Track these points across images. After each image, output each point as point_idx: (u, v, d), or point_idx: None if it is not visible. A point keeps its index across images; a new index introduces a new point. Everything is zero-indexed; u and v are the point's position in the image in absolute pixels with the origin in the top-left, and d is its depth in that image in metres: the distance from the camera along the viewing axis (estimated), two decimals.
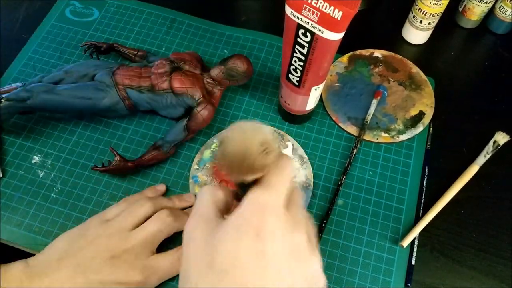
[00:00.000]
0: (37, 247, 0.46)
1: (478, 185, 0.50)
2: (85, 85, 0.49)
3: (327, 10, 0.36)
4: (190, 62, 0.51)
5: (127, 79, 0.49)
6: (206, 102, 0.49)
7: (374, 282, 0.45)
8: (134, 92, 0.49)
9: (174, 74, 0.49)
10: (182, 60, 0.50)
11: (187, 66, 0.50)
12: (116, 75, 0.49)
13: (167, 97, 0.49)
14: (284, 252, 0.26)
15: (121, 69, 0.50)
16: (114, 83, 0.49)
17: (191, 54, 0.52)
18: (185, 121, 0.49)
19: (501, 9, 0.58)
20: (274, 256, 0.25)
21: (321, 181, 0.50)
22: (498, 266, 0.46)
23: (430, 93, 0.56)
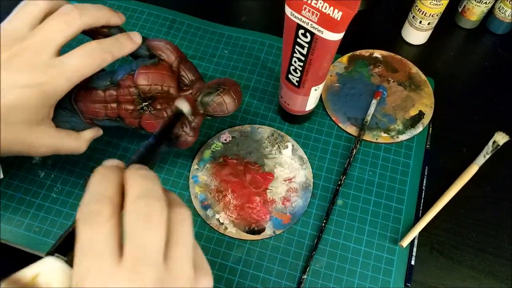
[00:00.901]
0: (38, 247, 0.46)
1: (477, 185, 0.50)
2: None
3: (326, 10, 0.36)
4: (161, 92, 0.41)
5: (90, 110, 0.42)
6: (186, 132, 0.43)
7: (374, 282, 0.45)
8: (103, 121, 0.43)
9: (144, 116, 0.42)
10: (151, 91, 0.41)
11: (158, 105, 0.41)
12: (78, 103, 0.42)
13: (141, 131, 0.43)
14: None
15: (82, 95, 0.42)
16: (78, 111, 0.42)
17: (162, 70, 0.41)
18: (166, 142, 0.44)
19: (500, 10, 0.59)
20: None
21: (321, 181, 0.50)
22: (497, 266, 0.46)
23: (429, 93, 0.56)
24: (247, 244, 0.47)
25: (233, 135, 0.52)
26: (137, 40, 0.41)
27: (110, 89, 0.41)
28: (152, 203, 0.25)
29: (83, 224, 0.24)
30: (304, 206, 0.48)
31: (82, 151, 0.44)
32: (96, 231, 0.23)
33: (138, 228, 0.24)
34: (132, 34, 0.41)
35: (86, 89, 0.42)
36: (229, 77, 0.57)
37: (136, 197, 0.25)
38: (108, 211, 0.24)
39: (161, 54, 0.41)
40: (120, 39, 0.40)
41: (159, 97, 0.41)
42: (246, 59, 0.58)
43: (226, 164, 0.50)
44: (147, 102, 0.41)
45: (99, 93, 0.41)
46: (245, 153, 0.51)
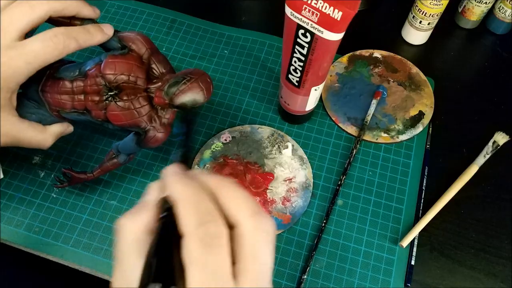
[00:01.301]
0: (38, 247, 0.46)
1: (477, 185, 0.50)
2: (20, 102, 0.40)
3: (326, 10, 0.36)
4: (128, 82, 0.40)
5: (57, 102, 0.41)
6: (156, 127, 0.41)
7: (374, 282, 0.45)
8: (70, 114, 0.42)
9: (110, 106, 0.40)
10: (117, 81, 0.39)
11: (125, 96, 0.40)
12: (45, 94, 0.41)
13: (109, 125, 0.42)
14: None
15: (49, 86, 0.41)
16: (45, 102, 0.41)
17: (130, 60, 0.40)
18: (135, 138, 0.43)
19: (500, 10, 0.59)
20: None
21: (321, 181, 0.50)
22: (497, 266, 0.46)
23: (429, 94, 0.56)
24: None
25: (233, 135, 0.52)
26: (107, 31, 0.40)
27: (78, 80, 0.40)
28: (264, 220, 0.23)
29: (204, 248, 0.21)
30: (304, 206, 0.48)
31: (48, 145, 0.42)
32: (218, 255, 0.22)
33: (261, 247, 0.23)
34: (103, 26, 0.40)
35: (54, 79, 0.41)
36: (229, 77, 0.57)
37: (248, 216, 0.23)
38: (226, 231, 0.22)
39: (131, 45, 0.41)
40: (89, 28, 0.39)
41: (126, 88, 0.40)
42: (246, 59, 0.58)
43: (226, 164, 0.50)
44: (112, 92, 0.40)
45: (66, 84, 0.40)
46: (245, 153, 0.51)
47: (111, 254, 0.46)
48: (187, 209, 0.22)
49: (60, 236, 0.47)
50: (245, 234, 0.23)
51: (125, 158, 0.44)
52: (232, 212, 0.23)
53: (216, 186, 0.24)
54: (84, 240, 0.46)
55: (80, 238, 0.47)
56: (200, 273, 0.21)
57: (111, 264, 0.45)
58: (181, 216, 0.22)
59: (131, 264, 0.23)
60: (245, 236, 0.23)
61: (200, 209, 0.22)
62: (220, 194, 0.24)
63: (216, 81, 0.57)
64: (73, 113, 0.41)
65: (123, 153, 0.44)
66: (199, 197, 0.23)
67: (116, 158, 0.44)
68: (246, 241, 0.22)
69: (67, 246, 0.46)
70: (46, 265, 0.48)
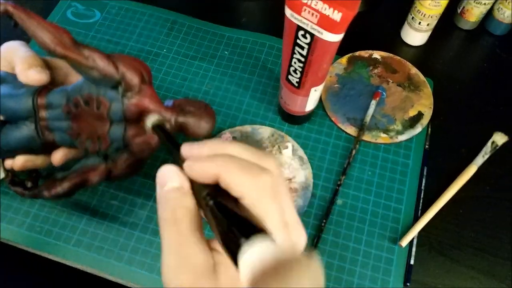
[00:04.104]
0: (39, 246, 0.46)
1: (476, 185, 0.50)
2: None
3: (326, 11, 0.37)
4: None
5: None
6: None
7: (373, 281, 0.45)
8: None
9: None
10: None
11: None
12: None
13: None
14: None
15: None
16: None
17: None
18: None
19: (499, 11, 0.59)
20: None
21: (321, 181, 0.50)
22: (496, 265, 0.47)
23: (428, 94, 0.56)
24: None
25: (233, 136, 0.53)
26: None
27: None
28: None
29: (273, 196, 0.24)
30: (304, 206, 0.48)
31: None
32: (287, 195, 0.25)
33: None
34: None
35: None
36: (229, 78, 0.57)
37: None
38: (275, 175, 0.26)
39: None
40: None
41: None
42: (246, 60, 0.59)
43: None
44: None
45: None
46: None
47: (113, 254, 0.46)
48: (234, 173, 0.24)
49: (62, 235, 0.47)
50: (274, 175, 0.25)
51: None
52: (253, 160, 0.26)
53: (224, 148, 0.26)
54: (86, 240, 0.47)
55: (82, 237, 0.47)
56: (275, 223, 0.24)
57: (113, 264, 0.46)
58: (232, 182, 0.24)
59: (192, 249, 0.24)
60: (275, 177, 0.25)
61: (244, 167, 0.24)
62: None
63: (217, 82, 0.57)
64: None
65: None
66: (235, 160, 0.25)
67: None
68: (277, 182, 0.25)
69: (68, 245, 0.46)
70: (48, 265, 0.48)
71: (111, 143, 0.38)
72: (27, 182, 0.43)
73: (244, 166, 0.24)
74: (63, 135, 0.39)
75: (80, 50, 0.36)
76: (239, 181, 0.24)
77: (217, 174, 0.24)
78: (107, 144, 0.38)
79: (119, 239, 0.47)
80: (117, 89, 0.37)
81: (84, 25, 0.61)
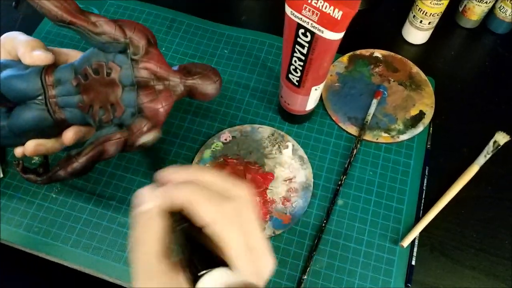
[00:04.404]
0: (37, 247, 0.46)
1: (478, 185, 0.50)
2: None
3: (327, 10, 0.36)
4: None
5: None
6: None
7: (374, 282, 0.45)
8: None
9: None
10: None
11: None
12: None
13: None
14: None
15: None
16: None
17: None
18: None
19: (501, 9, 0.58)
20: None
21: (321, 181, 0.50)
22: (498, 266, 0.46)
23: (430, 93, 0.55)
24: None
25: (233, 135, 0.52)
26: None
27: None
28: None
29: (231, 225, 0.26)
30: (304, 206, 0.48)
31: None
32: (240, 230, 0.26)
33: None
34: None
35: None
36: (229, 77, 0.57)
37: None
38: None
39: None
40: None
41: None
42: (246, 58, 0.58)
43: (226, 164, 0.50)
44: None
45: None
46: (245, 153, 0.51)
47: (111, 254, 0.46)
48: (198, 202, 0.26)
49: (60, 236, 0.46)
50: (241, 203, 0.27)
51: None
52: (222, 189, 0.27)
53: (197, 175, 0.27)
54: (84, 240, 0.46)
55: (80, 238, 0.46)
56: (236, 250, 0.25)
57: (111, 264, 0.45)
58: (195, 211, 0.25)
59: (155, 269, 0.25)
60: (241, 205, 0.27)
61: (208, 197, 0.26)
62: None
63: None
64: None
65: None
66: (202, 190, 0.26)
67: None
68: (243, 209, 0.27)
69: (66, 246, 0.46)
70: (46, 266, 0.47)
71: (125, 109, 0.39)
72: (39, 168, 0.42)
73: (210, 196, 0.26)
74: (74, 111, 0.40)
75: (87, 17, 0.37)
76: (202, 210, 0.25)
77: (184, 202, 0.26)
78: (122, 110, 0.39)
79: (118, 239, 0.46)
80: (125, 53, 0.38)
81: None
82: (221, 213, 0.25)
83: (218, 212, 0.25)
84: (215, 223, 0.25)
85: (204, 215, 0.25)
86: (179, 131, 0.53)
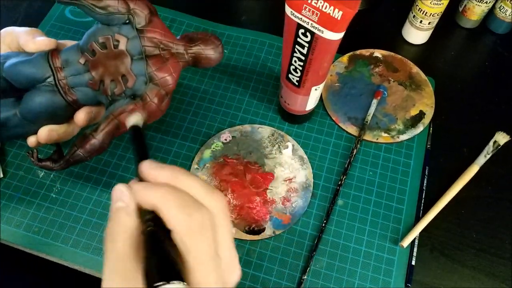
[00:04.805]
0: (37, 247, 0.46)
1: (478, 185, 0.50)
2: None
3: (327, 10, 0.36)
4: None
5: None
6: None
7: (374, 282, 0.45)
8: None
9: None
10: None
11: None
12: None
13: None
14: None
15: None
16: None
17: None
18: None
19: (501, 9, 0.58)
20: None
21: (321, 181, 0.50)
22: (498, 266, 0.46)
23: (430, 93, 0.55)
24: (247, 245, 0.46)
25: (233, 135, 0.52)
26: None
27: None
28: None
29: (194, 237, 0.25)
30: (304, 206, 0.48)
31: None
32: (208, 238, 0.26)
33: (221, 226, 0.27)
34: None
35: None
36: (229, 77, 0.57)
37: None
38: (208, 215, 0.26)
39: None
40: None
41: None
42: (246, 58, 0.58)
43: (226, 164, 0.50)
44: None
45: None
46: (245, 153, 0.51)
47: None
48: (171, 206, 0.25)
49: (59, 236, 0.46)
50: (213, 213, 0.27)
51: None
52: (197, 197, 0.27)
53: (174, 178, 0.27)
54: (84, 240, 0.46)
55: (80, 238, 0.46)
56: (199, 259, 0.25)
57: None
58: (166, 215, 0.25)
59: (132, 268, 0.25)
60: (214, 215, 0.27)
61: (181, 202, 0.25)
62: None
63: (216, 81, 0.56)
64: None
65: None
66: (175, 194, 0.26)
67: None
68: (215, 219, 0.27)
69: (66, 246, 0.46)
70: (45, 265, 0.47)
71: (137, 78, 0.39)
72: (53, 155, 0.43)
73: (182, 202, 0.26)
74: (85, 90, 0.40)
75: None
76: (172, 215, 0.25)
77: (155, 204, 0.25)
78: (134, 79, 0.39)
79: None
80: (129, 24, 0.39)
81: (83, 23, 0.61)
82: (189, 221, 0.25)
83: (186, 220, 0.25)
84: (181, 230, 0.25)
85: (172, 220, 0.25)
86: (179, 131, 0.53)
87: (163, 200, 0.25)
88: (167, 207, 0.25)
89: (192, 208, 0.25)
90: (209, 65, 0.43)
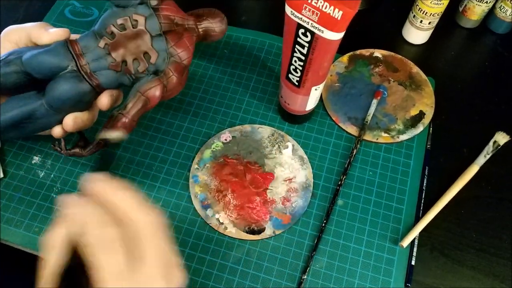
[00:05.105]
0: (37, 247, 0.46)
1: (478, 185, 0.50)
2: None
3: (327, 9, 0.36)
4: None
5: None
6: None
7: (374, 282, 0.45)
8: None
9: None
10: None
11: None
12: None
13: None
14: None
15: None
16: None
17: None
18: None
19: (501, 9, 0.58)
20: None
21: (321, 181, 0.50)
22: (498, 266, 0.46)
23: (430, 93, 0.55)
24: (247, 244, 0.47)
25: (233, 135, 0.52)
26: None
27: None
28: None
29: (103, 252, 0.26)
30: (304, 206, 0.48)
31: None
32: (117, 254, 0.26)
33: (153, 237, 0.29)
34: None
35: None
36: (229, 77, 0.57)
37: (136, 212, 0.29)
38: (116, 232, 0.27)
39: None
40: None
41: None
42: (246, 58, 0.58)
43: (226, 164, 0.50)
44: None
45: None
46: (245, 153, 0.51)
47: None
48: (89, 223, 0.27)
49: None
50: (138, 227, 0.28)
51: None
52: (124, 211, 0.28)
53: (106, 194, 0.28)
54: None
55: None
56: (107, 269, 0.26)
57: None
58: (82, 230, 0.27)
59: None
60: (138, 229, 0.28)
61: (99, 219, 0.27)
62: (110, 198, 0.28)
63: (216, 81, 0.57)
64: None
65: None
66: (94, 212, 0.27)
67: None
68: (140, 233, 0.27)
69: None
70: None
71: (159, 53, 0.41)
72: (80, 142, 0.44)
73: (98, 218, 0.27)
74: (107, 73, 0.41)
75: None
76: (88, 231, 0.26)
77: (77, 222, 0.27)
78: (156, 55, 0.41)
79: None
80: (144, 4, 0.41)
81: (82, 23, 0.61)
82: (99, 237, 0.26)
83: (97, 236, 0.26)
84: (90, 245, 0.26)
85: (87, 236, 0.26)
86: (179, 131, 0.53)
87: (86, 218, 0.27)
88: (86, 224, 0.27)
89: (108, 224, 0.27)
90: (218, 37, 0.46)
